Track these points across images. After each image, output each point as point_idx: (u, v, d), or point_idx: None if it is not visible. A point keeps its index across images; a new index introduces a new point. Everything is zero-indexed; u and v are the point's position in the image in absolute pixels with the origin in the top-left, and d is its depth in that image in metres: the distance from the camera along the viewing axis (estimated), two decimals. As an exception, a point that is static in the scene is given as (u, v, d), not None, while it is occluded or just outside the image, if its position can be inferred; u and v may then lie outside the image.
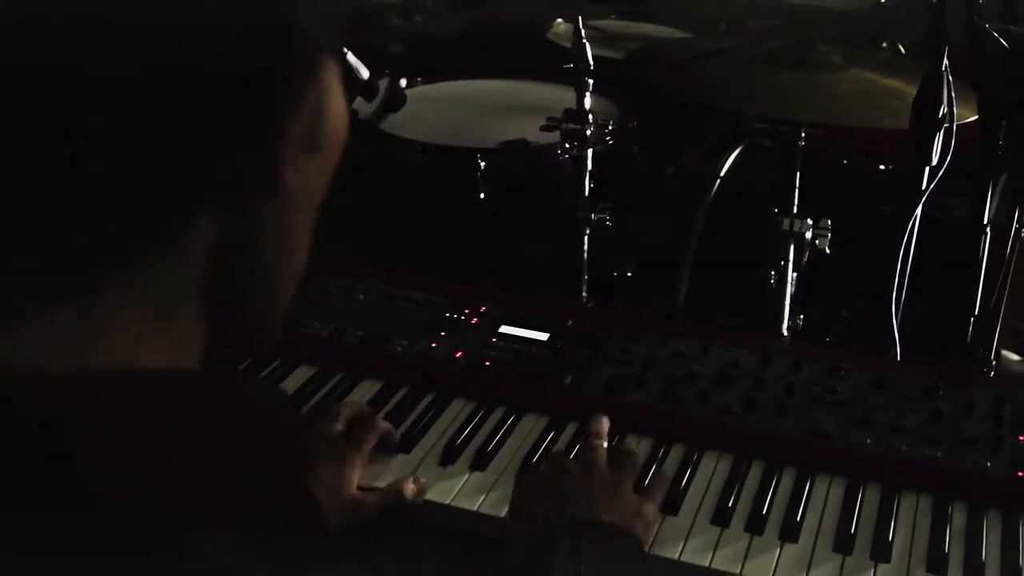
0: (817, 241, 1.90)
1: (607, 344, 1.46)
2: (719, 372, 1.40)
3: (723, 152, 2.25)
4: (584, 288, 1.96)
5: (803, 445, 1.29)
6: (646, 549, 1.13)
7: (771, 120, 2.23)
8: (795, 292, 1.95)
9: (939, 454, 1.27)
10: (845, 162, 2.36)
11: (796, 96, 2.03)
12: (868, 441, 1.29)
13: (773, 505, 1.23)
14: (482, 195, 2.05)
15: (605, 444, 1.25)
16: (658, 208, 2.26)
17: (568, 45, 2.61)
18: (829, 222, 1.91)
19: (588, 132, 1.84)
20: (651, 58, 2.23)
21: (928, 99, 1.58)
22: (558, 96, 2.13)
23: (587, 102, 1.84)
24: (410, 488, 1.23)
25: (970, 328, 1.41)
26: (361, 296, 1.57)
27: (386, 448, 1.29)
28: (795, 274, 1.93)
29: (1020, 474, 1.24)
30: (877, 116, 1.92)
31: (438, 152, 2.08)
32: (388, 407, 1.38)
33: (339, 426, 1.26)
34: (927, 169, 1.60)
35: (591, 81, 1.83)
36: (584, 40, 1.81)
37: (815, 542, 1.18)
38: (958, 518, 1.21)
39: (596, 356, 1.44)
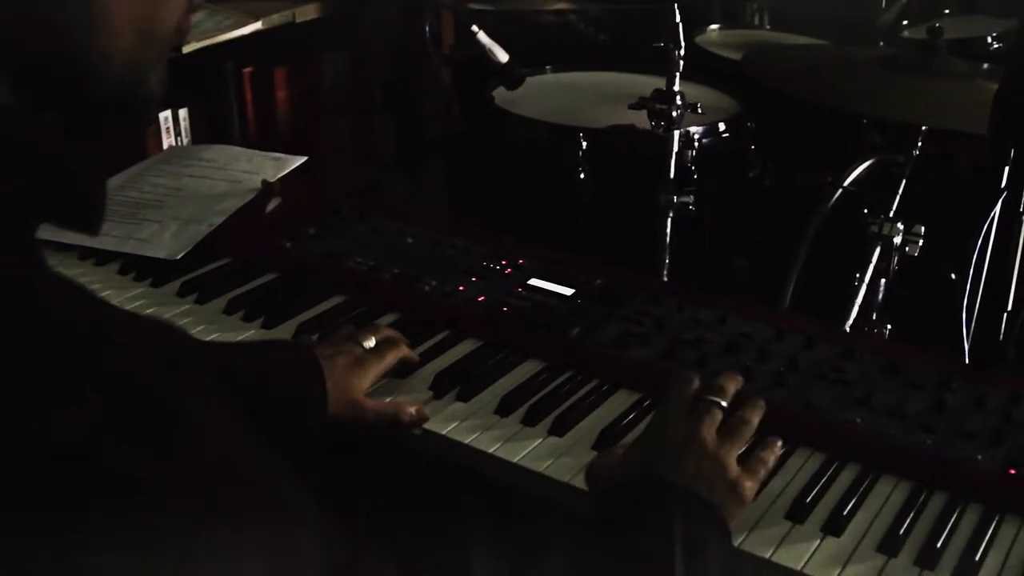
0: (907, 247, 1.83)
1: (627, 304, 1.46)
2: (728, 341, 1.38)
3: (849, 162, 2.19)
4: (665, 272, 1.95)
5: (788, 417, 1.25)
6: (732, 525, 1.04)
7: (896, 128, 2.15)
8: (884, 298, 1.88)
9: (929, 442, 1.21)
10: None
11: (915, 100, 1.97)
12: (858, 420, 1.24)
13: (739, 468, 1.20)
14: (582, 174, 2.08)
15: (724, 405, 1.11)
16: (770, 208, 2.22)
17: (718, 52, 2.64)
18: (923, 228, 1.83)
19: (674, 113, 1.84)
20: (768, 59, 2.20)
21: (1009, 96, 1.50)
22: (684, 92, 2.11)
23: (676, 84, 1.84)
24: (409, 411, 1.26)
25: (1003, 324, 1.32)
26: (410, 240, 1.63)
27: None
28: (883, 280, 1.86)
29: (1012, 472, 1.16)
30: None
31: (545, 129, 2.13)
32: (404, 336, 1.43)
33: (371, 341, 1.32)
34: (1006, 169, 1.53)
35: (682, 62, 1.83)
36: (678, 21, 1.81)
37: (768, 509, 1.14)
38: (932, 507, 1.15)
39: (611, 314, 1.44)
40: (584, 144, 2.05)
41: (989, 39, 2.32)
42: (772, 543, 1.10)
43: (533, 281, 1.52)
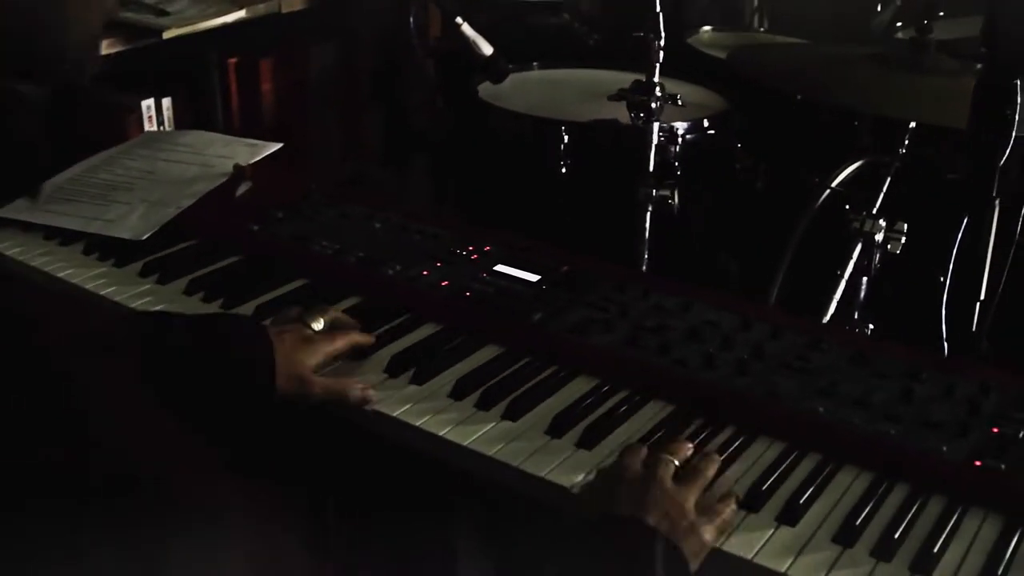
0: (889, 245, 1.79)
1: (592, 291, 1.43)
2: (691, 328, 1.34)
3: (838, 161, 2.15)
4: (645, 267, 1.92)
5: (749, 405, 1.22)
6: (693, 568, 1.02)
7: (884, 126, 2.12)
8: (866, 297, 1.84)
9: (893, 432, 1.17)
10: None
11: (903, 97, 1.94)
12: (821, 409, 1.20)
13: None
14: (564, 169, 2.05)
15: (676, 463, 1.10)
16: (757, 206, 2.18)
17: (710, 52, 2.61)
18: (905, 226, 1.79)
19: (654, 105, 1.81)
20: (755, 57, 2.17)
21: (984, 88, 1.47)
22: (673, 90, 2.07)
23: (656, 75, 1.81)
24: (356, 391, 1.24)
25: (975, 313, 1.28)
26: (377, 225, 1.60)
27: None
28: (865, 278, 1.82)
29: (977, 463, 1.12)
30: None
31: (527, 123, 2.10)
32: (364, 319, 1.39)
33: (319, 323, 1.29)
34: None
35: (662, 52, 1.80)
36: (659, 11, 1.78)
37: (722, 496, 1.11)
38: (893, 498, 1.11)
39: (575, 300, 1.41)
40: (566, 138, 2.03)
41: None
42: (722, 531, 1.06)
43: (499, 267, 1.49)
